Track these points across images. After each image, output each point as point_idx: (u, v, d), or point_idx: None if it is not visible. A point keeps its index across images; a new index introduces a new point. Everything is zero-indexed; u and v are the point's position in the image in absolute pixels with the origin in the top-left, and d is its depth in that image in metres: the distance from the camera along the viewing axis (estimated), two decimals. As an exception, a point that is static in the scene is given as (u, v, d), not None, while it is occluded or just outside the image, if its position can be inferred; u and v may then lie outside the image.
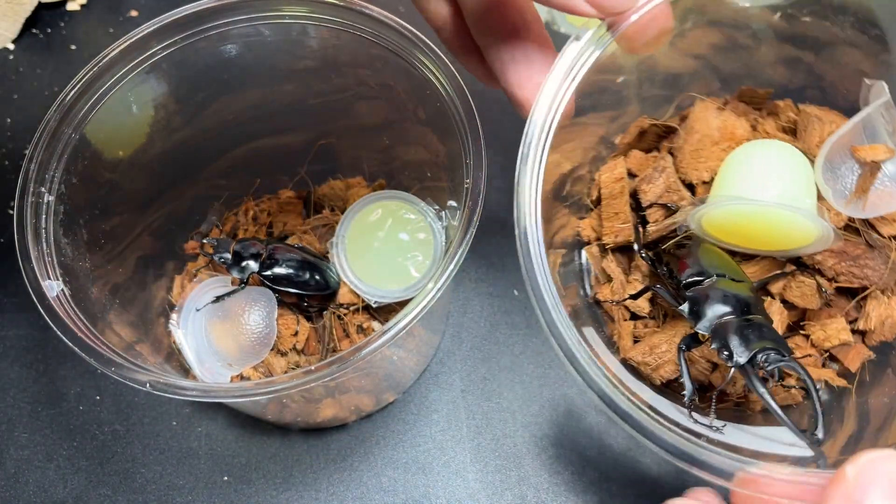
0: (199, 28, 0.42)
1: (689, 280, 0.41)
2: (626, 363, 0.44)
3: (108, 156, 0.43)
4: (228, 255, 0.45)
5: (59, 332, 0.35)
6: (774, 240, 0.42)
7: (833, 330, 0.42)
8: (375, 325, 0.48)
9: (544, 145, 0.34)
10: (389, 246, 0.46)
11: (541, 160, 0.34)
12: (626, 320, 0.45)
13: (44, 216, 0.38)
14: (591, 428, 0.49)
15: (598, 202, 0.47)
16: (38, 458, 0.48)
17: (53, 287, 0.36)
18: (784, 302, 0.43)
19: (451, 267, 0.35)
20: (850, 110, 0.42)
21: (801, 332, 0.43)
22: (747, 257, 0.44)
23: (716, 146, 0.44)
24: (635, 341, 0.44)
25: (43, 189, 0.38)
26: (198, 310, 0.46)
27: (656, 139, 0.48)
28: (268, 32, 0.43)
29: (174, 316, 0.45)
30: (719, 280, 0.40)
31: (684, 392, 0.38)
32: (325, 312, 0.48)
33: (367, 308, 0.48)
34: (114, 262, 0.44)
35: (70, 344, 0.35)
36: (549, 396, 0.50)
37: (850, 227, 0.43)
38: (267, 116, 0.49)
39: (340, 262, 0.46)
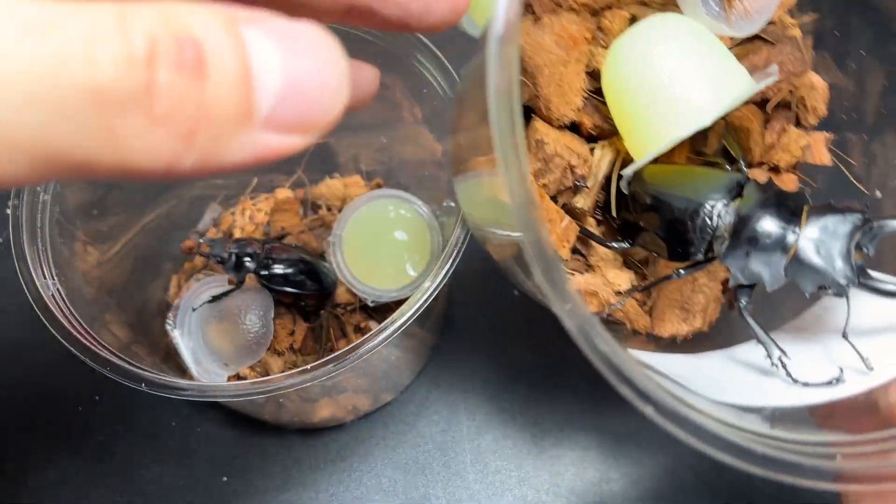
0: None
1: (707, 231, 0.31)
2: (652, 337, 0.38)
3: (104, 155, 0.43)
4: (225, 255, 0.45)
5: (54, 332, 0.35)
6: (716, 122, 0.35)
7: (793, 142, 0.37)
8: (372, 324, 0.48)
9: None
10: (387, 245, 0.46)
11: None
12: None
13: (39, 216, 0.38)
14: (591, 428, 0.48)
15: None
16: (38, 459, 0.48)
17: (49, 287, 0.36)
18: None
19: (448, 266, 0.35)
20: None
21: (767, 165, 0.38)
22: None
23: (568, 65, 0.35)
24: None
25: (39, 188, 0.38)
26: (194, 309, 0.46)
27: None
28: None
29: (171, 316, 0.45)
30: (735, 204, 0.31)
31: (768, 356, 0.31)
32: (322, 312, 0.48)
33: (364, 307, 0.48)
34: (110, 261, 0.43)
35: (66, 344, 0.35)
36: (549, 397, 0.49)
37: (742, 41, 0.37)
38: (265, 116, 0.49)
39: (337, 261, 0.46)
